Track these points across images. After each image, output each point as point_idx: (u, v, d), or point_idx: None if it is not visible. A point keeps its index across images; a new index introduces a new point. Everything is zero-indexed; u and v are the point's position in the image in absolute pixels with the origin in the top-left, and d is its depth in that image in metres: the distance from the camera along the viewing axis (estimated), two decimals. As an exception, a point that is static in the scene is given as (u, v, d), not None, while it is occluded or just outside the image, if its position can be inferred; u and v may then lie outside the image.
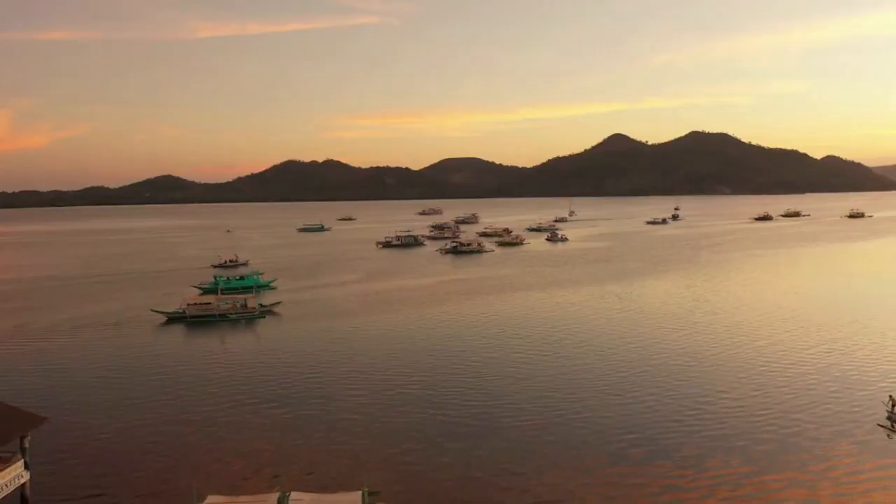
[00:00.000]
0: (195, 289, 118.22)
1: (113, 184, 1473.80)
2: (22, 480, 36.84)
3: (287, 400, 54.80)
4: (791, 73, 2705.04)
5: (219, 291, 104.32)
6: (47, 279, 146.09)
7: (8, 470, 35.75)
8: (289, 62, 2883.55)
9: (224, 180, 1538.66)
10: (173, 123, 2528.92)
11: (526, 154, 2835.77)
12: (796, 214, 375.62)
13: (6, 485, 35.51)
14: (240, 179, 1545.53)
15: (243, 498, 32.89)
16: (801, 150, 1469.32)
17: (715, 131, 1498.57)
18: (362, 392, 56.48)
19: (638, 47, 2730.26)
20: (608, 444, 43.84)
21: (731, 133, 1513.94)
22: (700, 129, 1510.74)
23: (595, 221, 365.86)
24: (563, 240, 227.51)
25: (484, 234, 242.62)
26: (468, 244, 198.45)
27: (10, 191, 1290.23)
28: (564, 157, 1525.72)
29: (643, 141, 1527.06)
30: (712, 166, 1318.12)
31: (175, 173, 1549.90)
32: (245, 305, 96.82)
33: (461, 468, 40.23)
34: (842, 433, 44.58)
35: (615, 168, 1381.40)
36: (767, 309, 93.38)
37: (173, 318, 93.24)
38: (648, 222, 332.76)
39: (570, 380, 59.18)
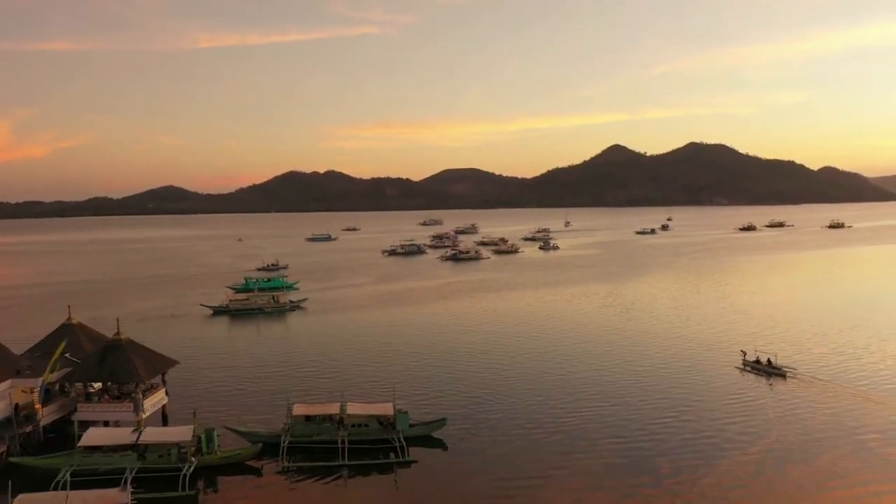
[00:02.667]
0: (229, 289, 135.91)
1: (115, 194, 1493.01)
2: (163, 402, 54.94)
3: (329, 361, 73.34)
4: (793, 83, 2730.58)
5: (256, 290, 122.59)
6: (93, 282, 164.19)
7: (157, 394, 53.90)
8: (289, 72, 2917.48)
9: (224, 191, 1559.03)
10: (174, 133, 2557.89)
11: (526, 164, 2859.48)
12: (780, 225, 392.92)
13: (155, 404, 53.54)
14: (241, 190, 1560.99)
15: (317, 405, 51.00)
16: (799, 161, 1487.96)
17: (715, 142, 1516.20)
18: (383, 357, 74.89)
19: (639, 57, 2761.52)
20: (556, 393, 62.17)
21: (729, 144, 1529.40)
22: (698, 141, 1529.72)
23: (589, 231, 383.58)
24: (555, 248, 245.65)
25: (482, 244, 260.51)
26: (466, 252, 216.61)
27: (13, 201, 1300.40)
28: (564, 168, 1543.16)
29: (642, 152, 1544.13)
30: (710, 177, 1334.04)
31: (176, 183, 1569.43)
32: (277, 301, 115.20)
33: (456, 402, 58.37)
34: (715, 373, 66.80)
35: (614, 179, 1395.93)
36: (720, 303, 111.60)
37: (218, 311, 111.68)
38: (638, 232, 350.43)
39: (547, 353, 77.47)
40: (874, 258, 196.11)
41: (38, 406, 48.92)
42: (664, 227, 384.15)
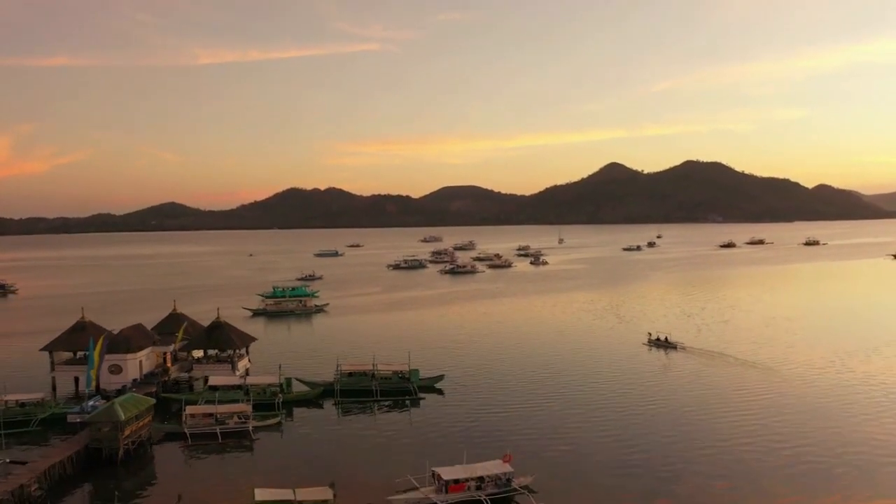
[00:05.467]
0: (259, 296, 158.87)
1: (117, 210, 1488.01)
2: (248, 366, 78.23)
3: (359, 341, 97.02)
4: (793, 99, 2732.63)
5: (287, 296, 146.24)
6: (137, 291, 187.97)
7: (244, 360, 77.33)
8: (290, 89, 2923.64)
9: (226, 207, 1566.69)
10: (174, 150, 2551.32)
11: (525, 181, 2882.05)
12: (760, 242, 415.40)
13: (243, 366, 76.77)
14: (243, 207, 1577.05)
15: (357, 365, 74.48)
16: (794, 179, 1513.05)
17: (712, 160, 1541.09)
18: (399, 338, 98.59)
19: (639, 74, 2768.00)
20: (525, 370, 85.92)
21: (728, 161, 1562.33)
22: (694, 159, 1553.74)
23: (580, 248, 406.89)
24: (544, 263, 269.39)
25: (478, 259, 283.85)
26: (463, 266, 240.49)
27: (16, 217, 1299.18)
28: (562, 186, 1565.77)
29: (639, 170, 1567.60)
30: (706, 195, 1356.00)
31: (177, 200, 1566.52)
32: (305, 305, 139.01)
33: (452, 365, 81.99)
34: (631, 349, 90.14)
35: (611, 196, 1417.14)
36: (673, 308, 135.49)
37: (257, 313, 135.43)
38: (625, 249, 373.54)
39: (524, 338, 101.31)
40: (825, 272, 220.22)
41: (169, 364, 72.49)
42: (650, 245, 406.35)
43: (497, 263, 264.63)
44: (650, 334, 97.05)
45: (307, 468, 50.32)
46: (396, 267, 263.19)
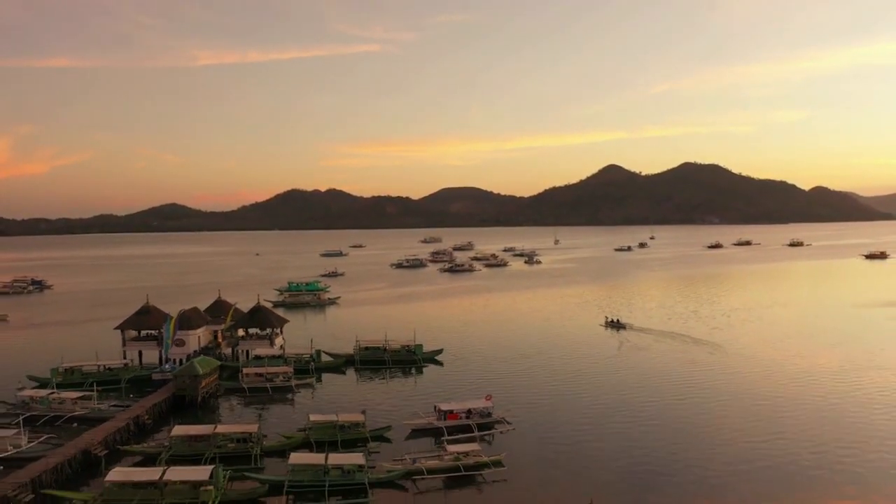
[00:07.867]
0: (276, 290, 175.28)
1: (118, 211, 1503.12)
2: (282, 343, 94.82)
3: (371, 324, 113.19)
4: (793, 101, 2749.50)
5: (303, 291, 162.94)
6: (160, 287, 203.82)
7: (279, 338, 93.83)
8: (290, 90, 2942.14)
9: (226, 208, 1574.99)
10: (174, 151, 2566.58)
11: (524, 183, 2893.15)
12: (747, 243, 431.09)
13: (278, 343, 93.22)
14: (244, 208, 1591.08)
15: (372, 341, 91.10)
16: (791, 181, 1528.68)
17: (711, 161, 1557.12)
18: (405, 321, 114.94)
19: (639, 76, 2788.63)
20: (507, 352, 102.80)
21: (727, 163, 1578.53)
22: (693, 160, 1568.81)
23: (575, 249, 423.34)
24: (538, 262, 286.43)
25: (475, 259, 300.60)
26: (461, 265, 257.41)
27: (18, 218, 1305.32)
28: (560, 188, 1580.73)
29: (637, 171, 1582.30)
30: (703, 196, 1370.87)
31: (178, 201, 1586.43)
32: (319, 298, 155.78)
33: (450, 341, 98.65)
34: (593, 329, 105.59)
35: (610, 198, 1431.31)
36: (644, 300, 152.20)
37: (277, 304, 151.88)
38: (617, 249, 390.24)
39: (511, 321, 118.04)
40: (797, 270, 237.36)
41: (220, 341, 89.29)
42: (642, 245, 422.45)
43: (493, 263, 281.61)
44: (607, 317, 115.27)
45: (340, 409, 66.69)
46: (399, 266, 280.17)
